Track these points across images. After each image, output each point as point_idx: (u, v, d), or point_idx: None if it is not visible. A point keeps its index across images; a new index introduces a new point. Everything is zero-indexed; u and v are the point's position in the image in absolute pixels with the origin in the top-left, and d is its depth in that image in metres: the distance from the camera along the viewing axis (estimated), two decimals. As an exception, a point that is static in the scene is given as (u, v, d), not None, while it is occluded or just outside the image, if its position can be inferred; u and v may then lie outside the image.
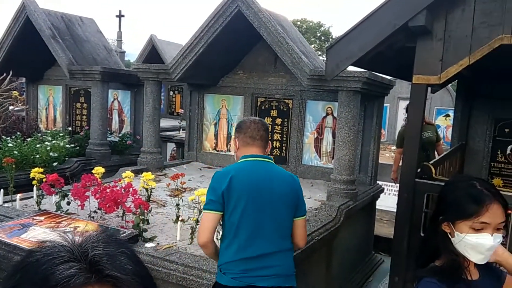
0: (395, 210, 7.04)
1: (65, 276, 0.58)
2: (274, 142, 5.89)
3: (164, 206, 4.31)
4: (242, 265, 2.33)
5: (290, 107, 5.75)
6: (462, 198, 1.47)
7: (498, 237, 1.45)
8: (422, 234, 2.32)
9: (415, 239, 2.33)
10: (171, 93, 12.24)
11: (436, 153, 6.21)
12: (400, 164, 4.48)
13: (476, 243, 1.43)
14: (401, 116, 12.84)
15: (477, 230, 1.43)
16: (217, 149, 6.35)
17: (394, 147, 11.01)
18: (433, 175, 2.43)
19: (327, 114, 5.49)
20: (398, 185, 7.23)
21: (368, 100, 5.16)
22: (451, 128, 12.69)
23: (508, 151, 4.77)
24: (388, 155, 10.53)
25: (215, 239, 2.58)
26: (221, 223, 2.42)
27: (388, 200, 6.85)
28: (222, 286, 2.37)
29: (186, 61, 5.36)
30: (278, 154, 5.78)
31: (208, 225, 2.32)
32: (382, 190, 5.58)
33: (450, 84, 8.05)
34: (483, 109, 4.80)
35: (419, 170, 2.50)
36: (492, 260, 1.49)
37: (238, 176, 2.33)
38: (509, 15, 2.05)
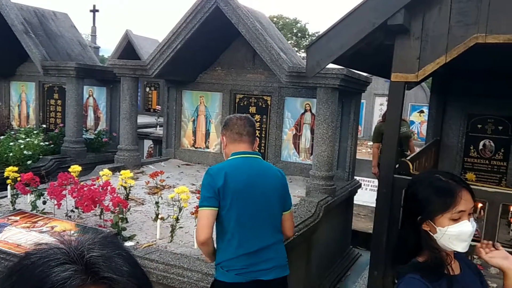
0: (372, 205, 7.14)
1: (61, 278, 0.58)
2: (253, 139, 5.90)
3: (143, 204, 4.27)
4: (244, 260, 2.38)
5: (269, 103, 5.76)
6: (435, 194, 1.50)
7: (473, 222, 1.50)
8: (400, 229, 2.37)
9: (394, 234, 2.38)
10: (147, 89, 12.08)
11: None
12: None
13: (459, 232, 1.47)
14: (377, 112, 13.04)
15: (456, 220, 1.47)
16: (195, 146, 6.32)
17: (371, 143, 11.12)
18: (411, 171, 2.49)
19: (306, 111, 5.53)
20: (375, 180, 7.34)
21: (346, 96, 5.21)
22: (425, 124, 12.94)
23: (481, 147, 4.90)
24: (364, 151, 10.69)
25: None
26: (217, 221, 2.43)
27: (365, 195, 6.96)
28: (226, 284, 2.38)
29: (163, 57, 5.30)
30: (257, 151, 5.78)
31: (207, 222, 2.32)
32: (359, 186, 5.66)
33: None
34: (456, 105, 4.92)
35: (397, 166, 2.55)
36: (505, 267, 1.50)
37: (232, 173, 2.38)
38: (484, 14, 2.11)
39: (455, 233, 1.47)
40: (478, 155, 4.91)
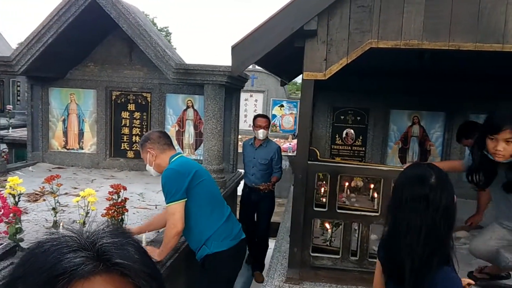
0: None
1: (73, 264, 0.59)
2: (134, 137, 5.77)
3: (27, 213, 3.90)
4: (228, 225, 2.88)
5: (149, 100, 5.69)
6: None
7: None
8: (315, 209, 2.70)
9: (309, 213, 2.70)
10: (-14, 87, 10.61)
11: None
12: None
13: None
14: (243, 107, 13.64)
15: None
16: (67, 147, 5.89)
17: (240, 136, 11.59)
18: (318, 157, 2.84)
19: (188, 107, 5.62)
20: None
21: (227, 93, 5.45)
22: (285, 117, 13.97)
23: (344, 135, 5.66)
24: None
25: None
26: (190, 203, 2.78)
27: (241, 186, 7.33)
28: (225, 252, 2.78)
29: (32, 52, 4.84)
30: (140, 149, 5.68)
31: (181, 214, 2.68)
32: (242, 177, 5.98)
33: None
34: (324, 99, 5.57)
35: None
36: None
37: (190, 164, 2.86)
38: (376, 23, 2.54)
39: None
40: (342, 142, 5.66)
